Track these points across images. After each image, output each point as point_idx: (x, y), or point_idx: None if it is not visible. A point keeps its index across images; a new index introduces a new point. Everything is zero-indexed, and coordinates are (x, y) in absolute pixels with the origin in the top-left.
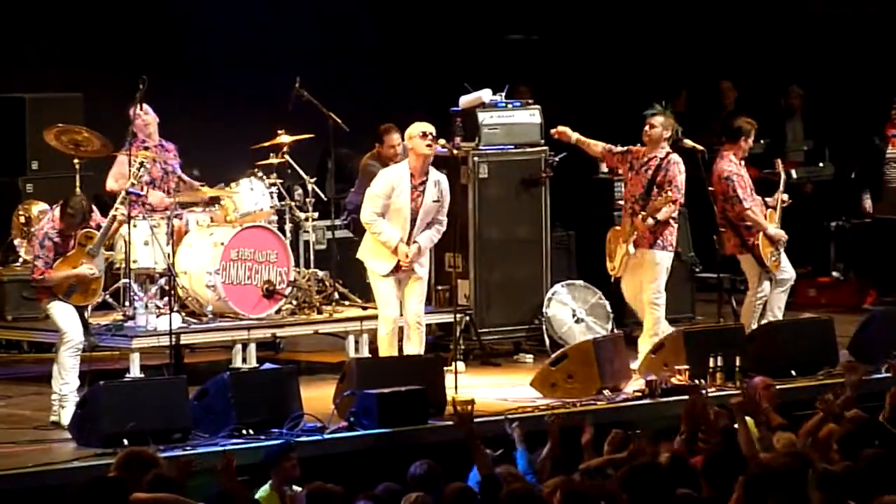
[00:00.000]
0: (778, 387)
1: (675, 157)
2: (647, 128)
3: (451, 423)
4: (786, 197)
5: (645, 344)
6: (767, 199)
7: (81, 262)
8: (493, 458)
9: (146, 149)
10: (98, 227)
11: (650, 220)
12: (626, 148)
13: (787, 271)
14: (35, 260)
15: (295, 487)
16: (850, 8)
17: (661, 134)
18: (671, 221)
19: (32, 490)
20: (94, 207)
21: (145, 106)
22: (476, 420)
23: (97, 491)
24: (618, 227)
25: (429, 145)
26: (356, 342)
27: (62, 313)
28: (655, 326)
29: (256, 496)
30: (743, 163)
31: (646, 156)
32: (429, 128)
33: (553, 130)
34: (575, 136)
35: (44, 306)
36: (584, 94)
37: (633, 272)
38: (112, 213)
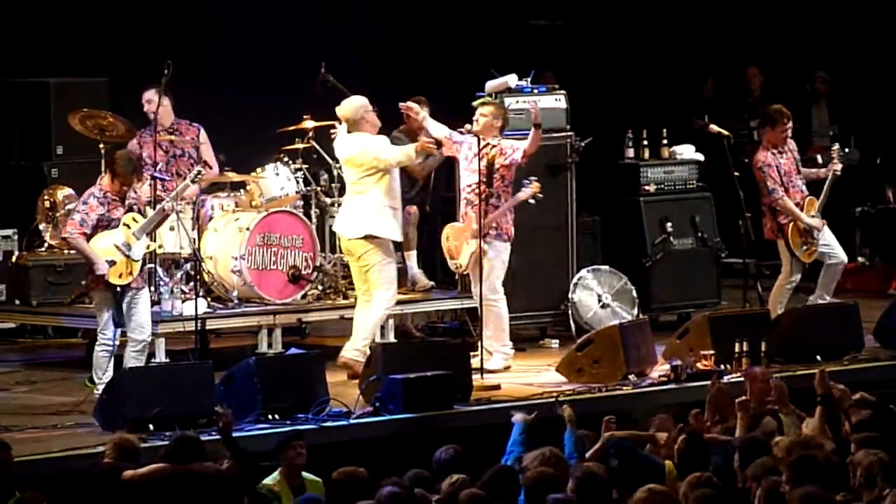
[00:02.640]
0: (802, 372)
1: (506, 143)
2: (474, 118)
3: (477, 408)
4: (839, 168)
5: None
6: (820, 172)
7: (121, 240)
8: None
9: (170, 132)
10: (146, 206)
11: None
12: (462, 137)
13: (835, 257)
14: (72, 214)
15: (306, 474)
16: None
17: (490, 123)
18: (508, 211)
19: (58, 476)
20: (140, 168)
21: (148, 92)
22: (501, 406)
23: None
24: (457, 224)
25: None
26: (381, 327)
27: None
28: (498, 321)
29: (266, 480)
30: (786, 148)
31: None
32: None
33: (402, 105)
34: (423, 114)
35: (96, 300)
36: (609, 80)
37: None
38: (162, 203)
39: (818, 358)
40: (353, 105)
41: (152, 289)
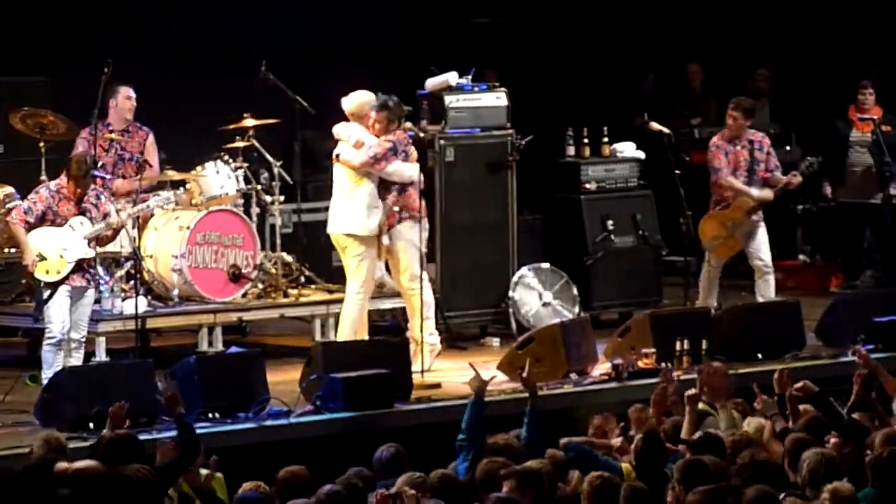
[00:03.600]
0: (743, 371)
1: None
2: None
3: (417, 406)
4: (799, 180)
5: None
6: (782, 179)
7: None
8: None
9: (110, 132)
10: (105, 216)
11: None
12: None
13: (760, 258)
14: (21, 201)
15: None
16: None
17: (385, 126)
18: (410, 187)
19: None
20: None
21: (128, 89)
22: (442, 404)
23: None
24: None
25: None
26: (322, 325)
27: (55, 304)
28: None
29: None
30: (743, 144)
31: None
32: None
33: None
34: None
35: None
36: (550, 78)
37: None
38: (114, 218)
39: (759, 356)
40: (360, 100)
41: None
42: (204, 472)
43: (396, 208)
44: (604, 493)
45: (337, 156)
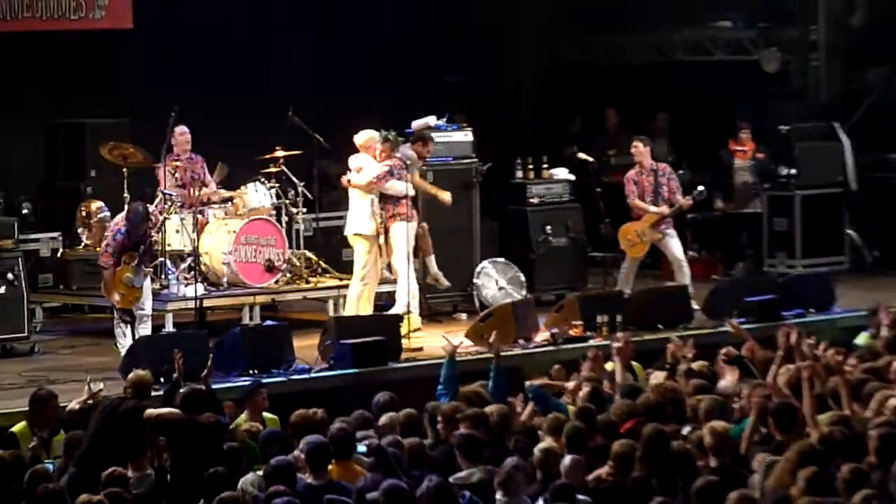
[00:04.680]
0: (648, 337)
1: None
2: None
3: (406, 365)
4: (690, 203)
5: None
6: (681, 200)
7: (125, 275)
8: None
9: (177, 160)
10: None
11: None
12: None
13: (675, 256)
14: (106, 247)
15: (266, 414)
16: (703, 56)
17: (388, 153)
18: (402, 199)
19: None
20: (149, 214)
21: (184, 127)
22: (424, 363)
23: None
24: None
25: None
26: (335, 305)
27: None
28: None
29: (236, 422)
30: (647, 173)
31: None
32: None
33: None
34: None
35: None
36: (503, 120)
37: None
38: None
39: (659, 326)
40: (365, 136)
41: (162, 276)
42: (267, 415)
43: (392, 213)
44: (555, 429)
45: (349, 180)
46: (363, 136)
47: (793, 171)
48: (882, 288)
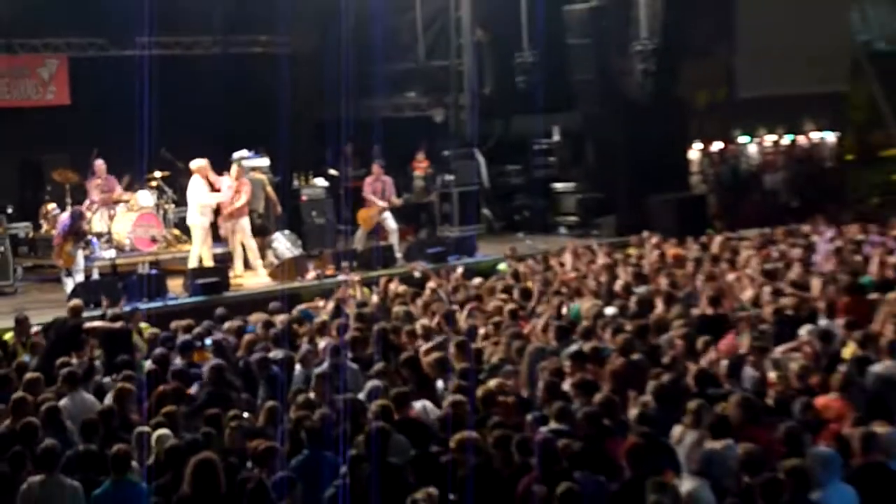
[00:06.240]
0: (372, 274)
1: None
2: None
3: (235, 293)
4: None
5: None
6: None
7: (67, 248)
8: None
9: (97, 180)
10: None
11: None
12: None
13: (392, 229)
14: (56, 233)
15: (143, 324)
16: (400, 113)
17: (236, 173)
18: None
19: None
20: (82, 213)
21: (101, 160)
22: (243, 293)
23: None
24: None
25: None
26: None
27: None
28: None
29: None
30: (377, 179)
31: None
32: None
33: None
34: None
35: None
36: (289, 150)
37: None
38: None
39: (379, 267)
40: (198, 163)
41: (91, 247)
42: (143, 324)
43: (231, 212)
44: (321, 331)
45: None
46: (199, 163)
47: (451, 178)
48: (504, 242)
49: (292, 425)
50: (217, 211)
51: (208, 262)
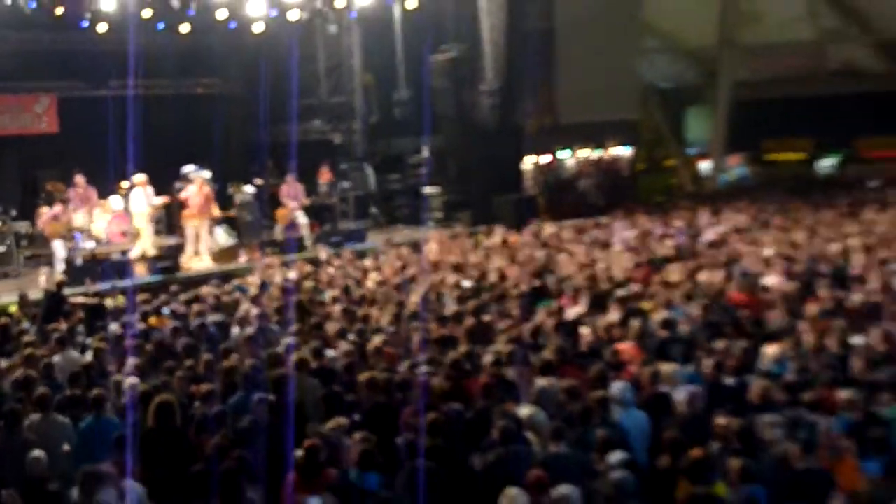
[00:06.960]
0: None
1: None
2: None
3: (185, 274)
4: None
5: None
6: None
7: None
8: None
9: (79, 190)
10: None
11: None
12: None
13: (301, 223)
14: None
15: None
16: (309, 137)
17: (201, 185)
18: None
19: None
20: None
21: (81, 175)
22: (193, 273)
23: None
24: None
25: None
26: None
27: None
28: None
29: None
30: (292, 185)
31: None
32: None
33: None
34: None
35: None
36: (225, 164)
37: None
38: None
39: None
40: (140, 177)
41: (74, 240)
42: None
43: (202, 211)
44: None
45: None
46: (142, 176)
47: (348, 184)
48: (387, 233)
49: (226, 373)
50: (182, 206)
51: (152, 252)
